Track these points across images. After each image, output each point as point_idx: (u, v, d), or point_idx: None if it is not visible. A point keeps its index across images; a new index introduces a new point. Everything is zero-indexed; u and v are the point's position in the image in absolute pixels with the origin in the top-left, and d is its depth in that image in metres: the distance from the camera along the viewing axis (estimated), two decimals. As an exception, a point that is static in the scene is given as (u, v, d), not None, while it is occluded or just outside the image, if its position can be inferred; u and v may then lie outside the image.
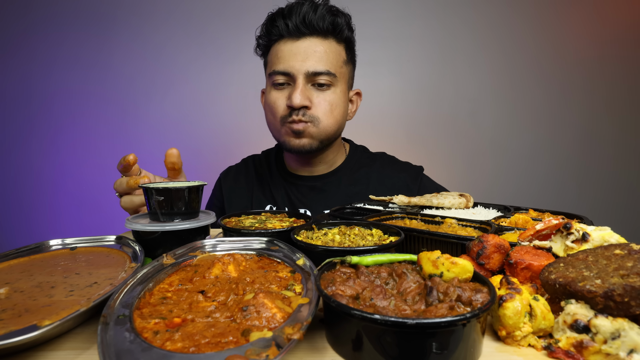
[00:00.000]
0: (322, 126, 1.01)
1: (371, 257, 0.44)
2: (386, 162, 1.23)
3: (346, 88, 1.07)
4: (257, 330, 0.33)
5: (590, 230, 0.46)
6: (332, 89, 1.01)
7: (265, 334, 0.32)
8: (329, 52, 0.99)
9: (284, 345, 0.30)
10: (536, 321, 0.36)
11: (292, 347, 0.35)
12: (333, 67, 1.00)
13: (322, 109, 1.00)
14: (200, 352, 0.30)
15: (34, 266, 0.54)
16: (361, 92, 1.16)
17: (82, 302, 0.40)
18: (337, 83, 1.02)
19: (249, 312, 0.36)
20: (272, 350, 0.29)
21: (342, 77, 1.04)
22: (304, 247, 0.54)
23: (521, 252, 0.47)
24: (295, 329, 0.32)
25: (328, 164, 1.16)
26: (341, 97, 1.04)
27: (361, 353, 0.33)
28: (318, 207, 1.10)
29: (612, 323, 0.33)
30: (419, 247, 0.62)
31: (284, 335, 0.31)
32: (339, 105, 1.03)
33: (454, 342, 0.32)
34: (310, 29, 0.97)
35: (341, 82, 1.03)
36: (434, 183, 1.20)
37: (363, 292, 0.38)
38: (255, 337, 0.31)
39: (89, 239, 0.65)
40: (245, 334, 0.32)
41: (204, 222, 0.65)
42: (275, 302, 0.37)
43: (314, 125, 1.00)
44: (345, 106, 1.07)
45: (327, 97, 1.01)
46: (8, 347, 0.32)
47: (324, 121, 1.01)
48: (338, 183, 1.14)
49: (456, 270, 0.39)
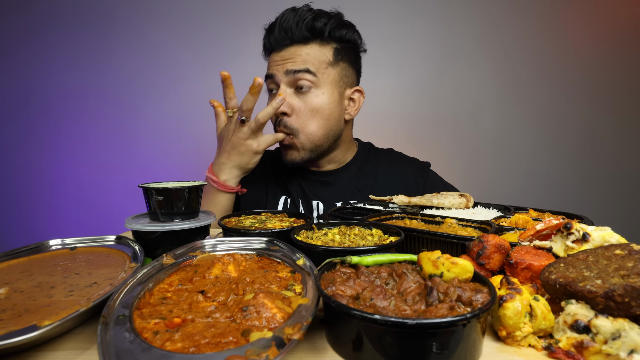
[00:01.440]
0: (303, 136, 1.02)
1: (371, 257, 0.44)
2: (394, 156, 1.25)
3: (334, 90, 1.05)
4: (257, 331, 0.33)
5: (591, 231, 0.46)
6: (314, 92, 1.01)
7: (265, 334, 0.32)
8: (310, 54, 1.00)
9: (284, 346, 0.30)
10: (536, 321, 0.36)
11: (293, 347, 0.35)
12: (314, 67, 1.00)
13: (302, 116, 1.01)
14: (200, 352, 0.30)
15: (33, 266, 0.54)
16: (363, 90, 1.14)
17: (82, 302, 0.39)
18: (320, 84, 1.01)
19: (249, 312, 0.36)
20: (272, 351, 0.29)
21: (327, 77, 1.03)
22: (304, 247, 0.54)
23: (521, 252, 0.47)
24: (295, 329, 0.32)
25: (337, 163, 1.17)
26: (327, 99, 1.03)
27: (361, 353, 0.33)
28: (330, 200, 1.12)
29: (612, 323, 0.33)
30: (419, 247, 0.62)
31: (284, 335, 0.31)
32: (322, 108, 1.02)
33: (454, 343, 0.32)
34: (291, 39, 1.01)
35: (326, 83, 1.02)
36: (440, 179, 1.22)
37: (363, 292, 0.38)
38: (255, 337, 0.31)
39: (89, 239, 0.64)
40: (245, 334, 0.32)
41: (204, 222, 0.65)
42: (276, 302, 0.37)
43: (294, 136, 1.03)
44: (334, 107, 1.05)
45: (308, 100, 1.01)
46: (8, 347, 0.32)
47: (303, 130, 1.02)
48: (349, 177, 1.16)
49: (456, 270, 0.39)
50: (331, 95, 1.04)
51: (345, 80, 1.08)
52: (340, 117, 1.08)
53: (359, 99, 1.13)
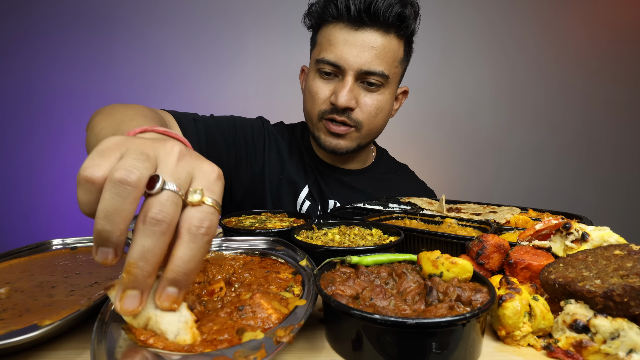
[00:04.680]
0: (364, 131, 0.96)
1: (371, 257, 0.45)
2: (411, 177, 1.21)
3: (395, 90, 1.00)
4: (251, 330, 0.33)
5: (590, 230, 0.46)
6: (382, 91, 0.94)
7: (257, 335, 0.32)
8: (387, 49, 0.90)
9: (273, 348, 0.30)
10: (536, 321, 0.36)
11: (289, 348, 0.35)
12: (388, 68, 0.91)
13: (366, 112, 0.93)
14: (195, 351, 0.30)
15: (34, 266, 0.54)
16: (408, 89, 1.07)
17: (83, 302, 0.40)
18: (388, 85, 0.94)
19: (244, 311, 0.36)
20: (261, 353, 0.29)
21: (395, 77, 0.96)
22: (304, 246, 0.54)
23: (521, 252, 0.47)
24: (286, 332, 0.32)
25: (360, 162, 1.12)
26: (389, 100, 0.97)
27: (361, 353, 0.33)
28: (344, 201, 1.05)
29: (611, 323, 0.33)
30: (418, 247, 0.63)
31: (275, 337, 0.31)
32: (384, 108, 0.96)
33: (453, 342, 0.32)
34: (373, 19, 0.86)
35: (392, 83, 0.96)
36: None
37: (363, 292, 0.38)
38: (248, 337, 0.31)
39: (90, 239, 0.64)
40: (239, 333, 0.33)
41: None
42: (272, 303, 0.37)
43: (356, 130, 0.95)
44: (390, 108, 1.00)
45: (374, 99, 0.93)
46: (9, 346, 0.32)
47: (367, 126, 0.95)
48: (367, 183, 1.10)
49: (456, 270, 0.39)
50: (393, 93, 0.99)
51: (400, 79, 1.03)
52: (389, 118, 1.03)
53: (401, 100, 1.08)
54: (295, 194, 1.04)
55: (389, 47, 0.90)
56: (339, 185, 1.07)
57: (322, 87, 0.93)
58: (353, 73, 0.89)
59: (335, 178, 1.07)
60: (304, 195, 1.04)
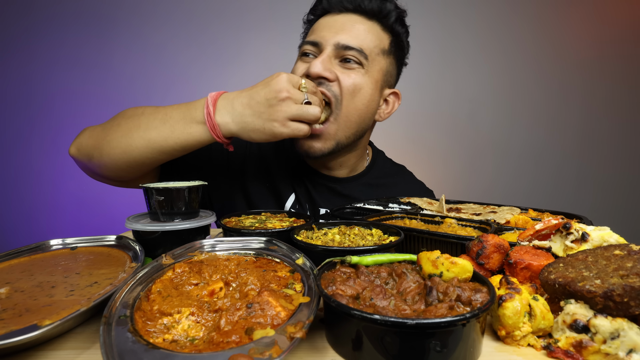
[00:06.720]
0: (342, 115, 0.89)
1: (371, 257, 0.45)
2: (408, 179, 1.18)
3: (378, 81, 0.94)
4: (260, 328, 0.33)
5: (590, 230, 0.46)
6: (359, 71, 0.89)
7: (268, 332, 0.32)
8: (368, 32, 0.90)
9: (287, 344, 0.30)
10: (535, 321, 0.36)
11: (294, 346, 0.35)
12: (367, 48, 0.88)
13: (344, 87, 0.88)
14: (204, 350, 0.30)
15: (34, 266, 0.54)
16: (400, 93, 1.03)
17: (83, 302, 0.40)
18: (367, 67, 0.90)
19: (253, 309, 0.36)
20: (276, 349, 0.29)
21: (376, 64, 0.92)
22: (304, 247, 0.54)
23: (521, 252, 0.47)
24: (297, 328, 0.32)
25: (349, 169, 1.06)
26: (368, 85, 0.91)
27: (361, 353, 0.33)
28: None
29: (611, 323, 0.33)
30: (418, 247, 0.63)
31: (287, 333, 0.31)
32: (364, 91, 0.90)
33: (453, 342, 0.32)
34: (355, 5, 0.90)
35: (373, 70, 0.91)
36: None
37: (363, 292, 0.38)
38: (259, 335, 0.31)
39: (90, 239, 0.65)
40: (248, 332, 0.33)
41: (204, 222, 0.65)
42: (279, 301, 0.37)
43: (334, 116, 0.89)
44: (371, 99, 0.93)
45: (352, 77, 0.88)
46: (9, 346, 0.32)
47: (345, 106, 0.88)
48: (359, 190, 1.06)
49: (456, 270, 0.39)
50: (374, 85, 0.93)
51: (388, 77, 0.99)
52: (373, 114, 0.98)
53: (393, 103, 1.03)
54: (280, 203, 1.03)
55: (371, 30, 0.91)
56: (330, 193, 1.05)
57: (300, 65, 0.92)
58: (331, 48, 0.88)
59: (326, 186, 1.05)
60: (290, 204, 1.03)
